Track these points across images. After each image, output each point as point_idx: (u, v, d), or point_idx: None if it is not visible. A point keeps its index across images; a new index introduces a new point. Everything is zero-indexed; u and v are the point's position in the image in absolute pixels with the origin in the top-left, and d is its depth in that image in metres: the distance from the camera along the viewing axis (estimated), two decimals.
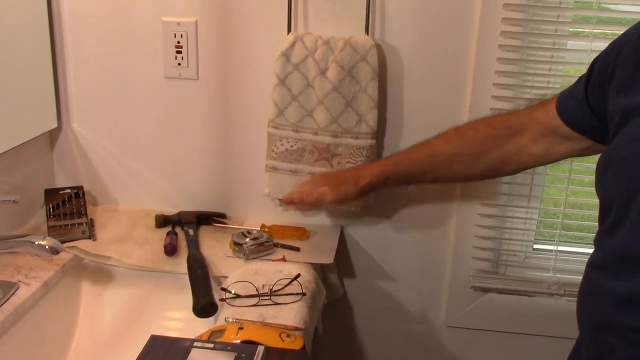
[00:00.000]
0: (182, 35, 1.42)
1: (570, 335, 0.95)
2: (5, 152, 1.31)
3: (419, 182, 1.33)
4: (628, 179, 0.81)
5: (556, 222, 1.47)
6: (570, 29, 1.38)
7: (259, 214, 1.53)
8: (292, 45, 1.34)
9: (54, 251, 1.09)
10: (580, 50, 1.36)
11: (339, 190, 1.24)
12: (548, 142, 1.09)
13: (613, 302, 0.81)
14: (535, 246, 1.53)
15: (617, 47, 0.90)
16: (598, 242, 0.87)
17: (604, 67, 0.93)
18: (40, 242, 1.09)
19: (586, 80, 0.99)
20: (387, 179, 1.23)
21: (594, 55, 0.98)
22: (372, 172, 1.24)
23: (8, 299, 1.14)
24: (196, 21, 1.41)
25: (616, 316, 0.81)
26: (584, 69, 1.32)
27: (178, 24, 1.41)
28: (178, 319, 1.32)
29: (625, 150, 0.83)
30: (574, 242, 1.53)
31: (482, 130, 1.16)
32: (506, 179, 1.43)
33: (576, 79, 1.04)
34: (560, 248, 1.49)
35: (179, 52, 1.43)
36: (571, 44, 1.38)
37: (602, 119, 0.94)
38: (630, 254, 0.79)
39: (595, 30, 1.32)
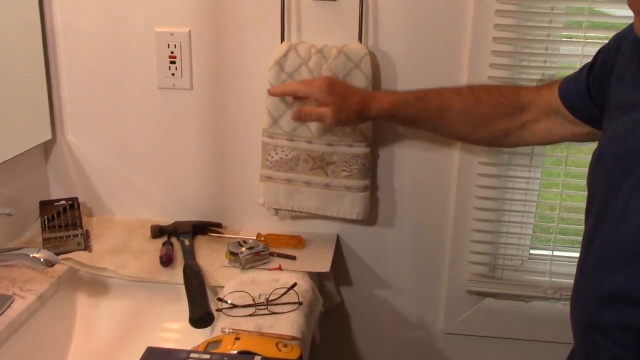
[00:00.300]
0: (175, 46, 1.42)
1: (567, 340, 0.95)
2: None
3: (418, 128, 1.28)
4: (613, 176, 0.81)
5: (552, 226, 1.47)
6: (563, 34, 1.39)
7: (254, 223, 1.53)
8: (286, 54, 1.34)
9: (49, 263, 1.08)
10: (573, 55, 1.36)
11: (339, 118, 1.21)
12: (550, 122, 1.10)
13: (598, 301, 0.81)
14: (532, 251, 1.53)
15: (618, 41, 0.91)
16: (584, 241, 0.87)
17: (604, 60, 0.93)
18: (35, 255, 1.08)
19: (588, 70, 1.00)
20: (393, 117, 1.22)
21: (586, 60, 0.99)
22: (380, 106, 1.21)
23: (3, 312, 1.13)
24: (189, 31, 1.41)
25: (602, 315, 0.81)
26: None
27: (171, 34, 1.42)
28: (174, 330, 1.31)
29: (615, 146, 0.83)
30: (570, 247, 1.53)
31: (495, 96, 1.16)
32: (502, 184, 1.43)
33: None
34: (556, 253, 1.49)
35: (173, 63, 1.43)
36: (564, 48, 1.39)
37: (601, 110, 0.95)
38: (613, 250, 0.79)
39: (588, 34, 1.33)
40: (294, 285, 1.22)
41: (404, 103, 1.20)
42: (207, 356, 0.96)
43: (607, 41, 0.96)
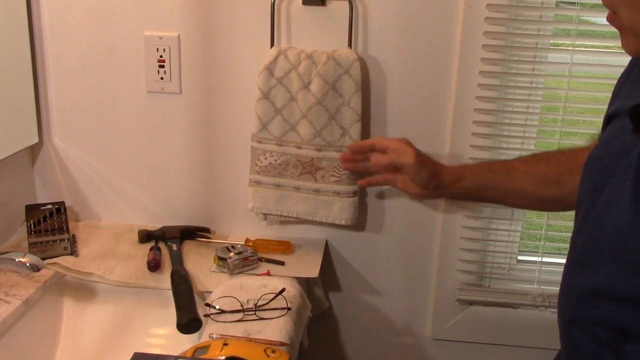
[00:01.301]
0: (164, 50, 1.41)
1: (555, 346, 0.95)
2: None
3: (485, 197, 1.23)
4: (597, 178, 0.82)
5: (540, 233, 1.47)
6: (551, 42, 1.39)
7: (243, 228, 1.52)
8: (276, 59, 1.34)
9: (35, 268, 1.07)
10: (561, 63, 1.37)
11: (406, 187, 1.23)
12: None
13: (579, 297, 0.83)
14: (520, 257, 1.54)
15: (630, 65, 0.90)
16: (571, 240, 0.89)
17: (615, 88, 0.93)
18: (20, 259, 1.07)
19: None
20: (460, 180, 1.20)
21: (575, 68, 0.98)
22: (449, 171, 1.20)
23: None
24: (179, 35, 1.41)
25: (582, 311, 0.82)
26: (564, 82, 1.33)
27: (160, 38, 1.41)
28: (162, 336, 1.30)
29: (600, 150, 0.84)
30: (558, 253, 1.54)
31: (555, 156, 1.15)
32: None
33: (557, 91, 1.04)
34: (545, 259, 1.49)
35: (162, 67, 1.43)
36: (552, 56, 1.40)
37: None
38: (593, 248, 0.81)
39: (576, 42, 1.33)
40: (283, 290, 1.21)
41: (471, 169, 1.21)
42: None
43: (588, 55, 0.96)
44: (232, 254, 1.34)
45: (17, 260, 1.07)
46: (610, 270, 0.78)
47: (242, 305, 1.17)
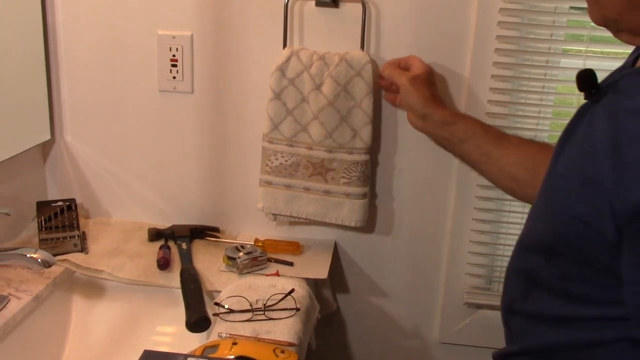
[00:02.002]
0: (177, 49, 1.42)
1: None
2: None
3: (463, 152, 1.23)
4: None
5: None
6: (564, 47, 1.39)
7: (252, 228, 1.52)
8: (288, 59, 1.34)
9: (46, 264, 1.08)
10: (573, 68, 1.37)
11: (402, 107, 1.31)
12: None
13: (513, 253, 0.94)
14: None
15: None
16: None
17: None
18: (32, 255, 1.08)
19: None
20: (448, 125, 1.21)
21: None
22: (444, 113, 1.23)
23: None
24: (192, 35, 1.41)
25: (512, 264, 0.95)
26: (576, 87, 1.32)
27: (173, 37, 1.42)
28: (170, 334, 1.31)
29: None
30: None
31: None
32: (500, 195, 1.43)
33: (568, 97, 1.05)
34: None
35: (174, 66, 1.43)
36: (564, 61, 1.39)
37: None
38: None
39: (589, 48, 1.33)
40: (292, 291, 1.22)
41: (466, 119, 1.22)
42: None
43: (600, 61, 0.98)
44: (241, 253, 1.35)
45: (28, 256, 1.08)
46: (530, 223, 0.90)
47: (251, 305, 1.18)
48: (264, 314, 1.17)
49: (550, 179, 0.83)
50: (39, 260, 1.07)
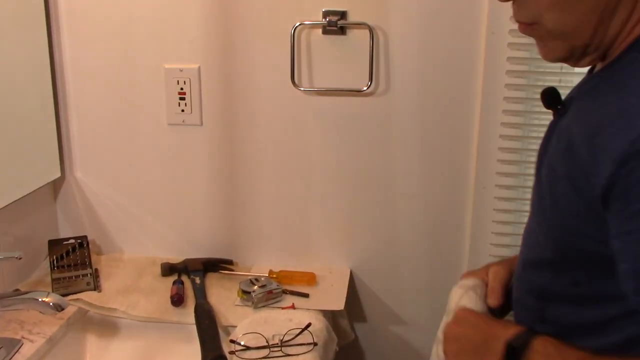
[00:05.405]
0: (185, 82, 1.41)
1: None
2: (9, 204, 1.30)
3: None
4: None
5: None
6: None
7: (266, 258, 1.51)
8: None
9: (59, 308, 1.06)
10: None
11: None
12: None
13: (517, 277, 0.92)
14: None
15: None
16: None
17: None
18: (44, 299, 1.06)
19: None
20: None
21: None
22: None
23: (12, 358, 1.11)
24: (199, 67, 1.40)
25: (518, 287, 0.92)
26: None
27: (181, 70, 1.41)
28: None
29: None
30: None
31: None
32: (517, 219, 1.41)
33: None
34: None
35: (182, 99, 1.42)
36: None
37: None
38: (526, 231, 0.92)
39: None
40: (309, 325, 1.19)
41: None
42: None
43: None
44: (255, 287, 1.33)
45: (40, 300, 1.06)
46: (530, 241, 0.88)
47: (267, 341, 1.15)
48: (280, 350, 1.14)
49: (538, 191, 0.84)
50: (51, 304, 1.05)
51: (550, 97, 0.85)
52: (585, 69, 0.86)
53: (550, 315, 0.84)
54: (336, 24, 1.33)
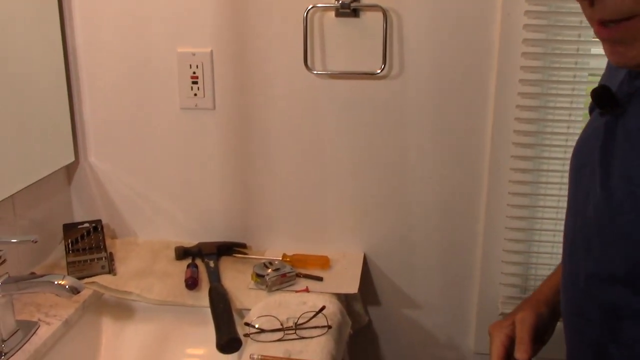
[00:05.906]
0: (197, 66, 1.41)
1: None
2: (24, 188, 1.30)
3: None
4: (577, 166, 0.85)
5: None
6: (592, 49, 1.34)
7: (280, 242, 1.51)
8: None
9: (74, 291, 1.06)
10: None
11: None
12: None
13: (576, 286, 0.83)
14: None
15: None
16: (563, 232, 0.90)
17: None
18: (60, 282, 1.06)
19: None
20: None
21: None
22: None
23: (29, 340, 1.12)
24: (211, 51, 1.40)
25: (580, 298, 0.83)
26: None
27: (193, 54, 1.40)
28: (200, 356, 1.29)
29: (579, 143, 0.86)
30: None
31: None
32: (533, 202, 1.40)
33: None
34: None
35: (195, 83, 1.42)
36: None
37: None
38: (582, 236, 0.82)
39: None
40: (323, 308, 1.19)
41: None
42: None
43: None
44: (269, 270, 1.33)
45: (56, 282, 1.06)
46: (596, 254, 0.77)
47: (282, 324, 1.16)
48: (295, 333, 1.15)
49: (609, 203, 0.74)
50: (67, 287, 1.05)
51: (603, 96, 0.76)
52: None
53: (627, 337, 0.75)
54: (349, 6, 1.31)
